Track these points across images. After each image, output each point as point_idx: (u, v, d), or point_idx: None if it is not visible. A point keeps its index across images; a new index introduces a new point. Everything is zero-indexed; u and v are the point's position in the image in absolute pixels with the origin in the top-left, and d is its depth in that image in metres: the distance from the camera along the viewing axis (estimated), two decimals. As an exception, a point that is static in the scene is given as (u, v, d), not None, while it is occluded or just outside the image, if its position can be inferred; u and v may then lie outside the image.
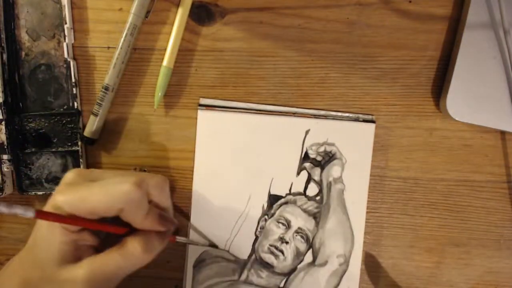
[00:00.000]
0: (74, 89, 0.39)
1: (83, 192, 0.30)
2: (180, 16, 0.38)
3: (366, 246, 0.41)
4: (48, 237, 0.31)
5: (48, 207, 0.30)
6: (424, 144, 0.40)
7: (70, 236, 0.31)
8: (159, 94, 0.39)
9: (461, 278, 0.41)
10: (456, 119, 0.37)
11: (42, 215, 0.28)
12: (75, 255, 0.31)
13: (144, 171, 0.41)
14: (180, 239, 0.39)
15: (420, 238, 0.41)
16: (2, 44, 0.39)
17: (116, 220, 0.31)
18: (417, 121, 0.39)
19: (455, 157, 0.40)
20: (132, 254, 0.31)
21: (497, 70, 0.37)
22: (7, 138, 0.39)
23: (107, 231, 0.32)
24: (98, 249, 0.33)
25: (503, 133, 0.39)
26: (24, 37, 0.39)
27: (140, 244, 0.31)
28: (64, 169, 0.41)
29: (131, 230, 0.32)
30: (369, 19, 0.38)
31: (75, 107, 0.40)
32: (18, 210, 0.26)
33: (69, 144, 0.40)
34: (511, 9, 0.36)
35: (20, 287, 0.31)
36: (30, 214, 0.26)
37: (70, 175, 0.32)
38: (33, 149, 0.41)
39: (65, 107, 0.40)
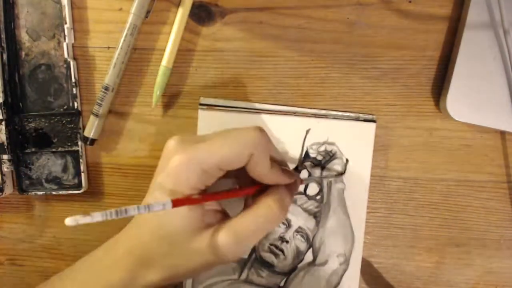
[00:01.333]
0: (74, 89, 0.39)
1: (206, 147, 0.29)
2: (180, 16, 0.38)
3: (366, 246, 0.41)
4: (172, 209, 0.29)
5: (165, 174, 0.29)
6: (424, 144, 0.40)
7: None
8: (157, 93, 0.39)
9: (461, 278, 0.41)
10: (456, 119, 0.37)
11: (179, 203, 0.27)
12: (204, 221, 0.30)
13: None
14: (306, 179, 0.39)
15: (420, 238, 0.41)
16: (2, 44, 0.39)
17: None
18: (417, 121, 0.39)
19: (455, 157, 0.40)
20: (268, 213, 0.30)
21: (497, 70, 0.37)
22: (7, 138, 0.39)
23: (242, 195, 0.31)
24: (223, 213, 0.32)
25: (503, 133, 0.39)
26: (24, 37, 0.39)
27: (274, 201, 0.30)
28: (64, 169, 0.41)
29: (260, 191, 0.32)
30: (369, 19, 0.38)
31: (75, 107, 0.40)
32: (156, 207, 0.26)
33: (69, 144, 0.40)
34: (511, 9, 0.36)
35: (140, 263, 0.30)
36: (168, 206, 0.26)
37: (173, 142, 0.31)
38: (33, 149, 0.41)
39: (65, 107, 0.40)
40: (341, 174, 0.40)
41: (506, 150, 0.39)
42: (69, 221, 0.22)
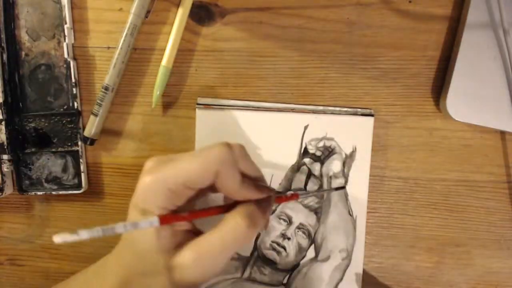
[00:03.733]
0: (74, 89, 0.39)
1: (172, 167, 0.29)
2: (180, 16, 0.38)
3: (366, 246, 0.41)
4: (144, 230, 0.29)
5: (137, 194, 0.29)
6: (424, 144, 0.40)
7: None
8: (157, 93, 0.39)
9: (461, 278, 0.41)
10: (456, 119, 0.37)
11: (166, 220, 0.28)
12: (174, 242, 0.30)
13: None
14: (302, 194, 0.38)
15: (420, 238, 0.41)
16: (2, 44, 0.39)
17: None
18: (417, 121, 0.39)
19: (455, 157, 0.40)
20: (235, 230, 0.29)
21: (497, 70, 0.37)
22: (7, 138, 0.39)
23: (219, 213, 0.31)
24: (195, 233, 0.32)
25: (503, 133, 0.39)
26: (24, 37, 0.39)
27: (242, 217, 0.29)
28: (64, 169, 0.41)
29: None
30: (369, 19, 0.38)
31: (75, 107, 0.40)
32: (143, 224, 0.26)
33: (69, 144, 0.40)
34: (511, 9, 0.36)
35: (122, 285, 0.30)
36: (156, 223, 0.27)
37: (149, 163, 0.31)
38: (33, 149, 0.41)
39: (65, 107, 0.40)
40: (343, 187, 0.40)
41: (506, 150, 0.39)
42: (56, 238, 0.23)
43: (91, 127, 0.39)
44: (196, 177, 0.28)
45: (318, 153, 0.40)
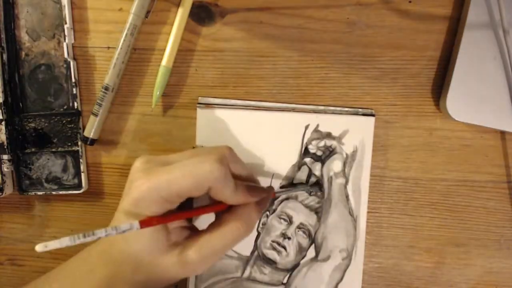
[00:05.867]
0: (74, 89, 0.39)
1: (166, 176, 0.29)
2: (180, 16, 0.38)
3: (366, 246, 0.41)
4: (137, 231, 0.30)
5: (129, 198, 0.30)
6: (424, 144, 0.40)
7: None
8: (157, 93, 0.39)
9: (461, 278, 0.41)
10: (456, 119, 0.37)
11: (146, 223, 0.28)
12: (170, 240, 0.31)
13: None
14: (279, 192, 0.40)
15: (420, 238, 0.41)
16: (2, 44, 0.39)
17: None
18: (417, 121, 0.39)
19: (455, 157, 0.40)
20: (234, 233, 0.31)
21: (497, 70, 0.37)
22: (7, 138, 0.39)
23: (209, 212, 0.32)
24: (189, 228, 0.33)
25: (503, 133, 0.39)
26: (24, 37, 0.39)
27: (241, 222, 0.32)
28: (64, 169, 0.41)
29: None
30: (369, 19, 0.38)
31: (75, 107, 0.40)
32: (124, 228, 0.27)
33: (69, 144, 0.40)
34: (511, 9, 0.36)
35: (108, 283, 0.31)
36: (136, 227, 0.27)
37: (138, 164, 0.32)
38: (33, 149, 0.41)
39: (65, 107, 0.40)
40: (318, 184, 0.40)
41: (506, 150, 0.39)
42: (38, 247, 0.24)
43: (91, 127, 0.39)
44: (189, 190, 0.30)
45: (319, 153, 0.40)
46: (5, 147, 0.39)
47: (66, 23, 0.38)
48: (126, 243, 0.31)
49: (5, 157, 0.40)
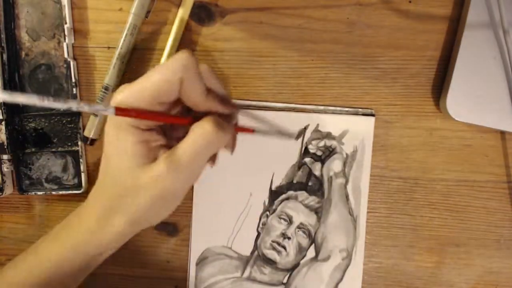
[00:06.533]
0: (74, 89, 0.39)
1: (140, 80, 0.29)
2: (180, 16, 0.38)
3: (366, 246, 0.41)
4: (121, 143, 0.29)
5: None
6: (424, 144, 0.40)
7: (142, 135, 0.29)
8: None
9: (461, 278, 0.41)
10: (456, 119, 0.37)
11: (121, 111, 0.27)
12: (150, 157, 0.30)
13: None
14: (259, 130, 0.39)
15: (420, 238, 0.41)
16: (2, 44, 0.39)
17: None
18: (417, 121, 0.39)
19: (455, 157, 0.40)
20: (204, 135, 0.29)
21: (497, 70, 0.37)
22: (7, 138, 0.39)
23: (177, 122, 0.31)
24: (170, 147, 0.32)
25: (503, 133, 0.39)
26: (24, 37, 0.39)
27: (209, 123, 0.29)
28: (64, 169, 0.41)
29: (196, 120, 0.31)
30: (369, 19, 0.38)
31: (75, 107, 0.40)
32: (99, 107, 0.26)
33: (69, 144, 0.40)
34: (511, 9, 0.36)
35: (105, 210, 0.31)
36: (110, 111, 0.26)
37: (120, 88, 0.31)
38: (33, 149, 0.41)
39: (65, 107, 0.40)
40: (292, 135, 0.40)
41: (506, 150, 0.39)
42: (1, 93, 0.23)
43: (91, 127, 0.39)
44: (161, 87, 0.28)
45: (319, 153, 0.40)
46: (5, 147, 0.39)
47: (66, 23, 0.38)
48: (114, 168, 0.30)
49: (5, 157, 0.40)
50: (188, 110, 0.31)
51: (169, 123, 0.31)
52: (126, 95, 0.28)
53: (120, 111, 0.27)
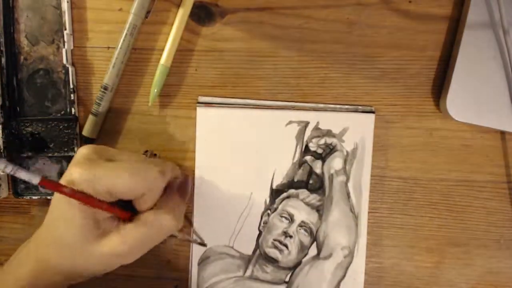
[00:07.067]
0: (72, 95, 0.39)
1: (104, 171, 0.29)
2: (180, 16, 0.38)
3: (367, 246, 0.41)
4: (68, 214, 0.30)
5: (63, 181, 0.30)
6: (424, 144, 0.40)
7: (90, 210, 0.30)
8: (155, 91, 0.39)
9: (461, 278, 0.41)
10: (456, 119, 0.37)
11: (46, 182, 0.27)
12: (100, 228, 0.31)
13: (155, 155, 0.41)
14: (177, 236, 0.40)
15: (420, 238, 0.41)
16: (1, 48, 0.39)
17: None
18: (417, 121, 0.39)
19: (455, 157, 0.40)
20: (160, 226, 0.32)
21: (497, 70, 0.37)
22: (3, 142, 0.39)
23: (112, 213, 0.31)
24: (118, 218, 0.33)
25: (503, 133, 0.39)
26: (23, 41, 0.39)
27: (167, 214, 0.32)
28: (60, 174, 0.41)
29: (134, 215, 0.33)
30: (369, 19, 0.38)
31: (73, 113, 0.39)
32: (23, 175, 0.26)
33: (66, 149, 0.40)
34: (511, 9, 0.36)
35: (37, 266, 0.32)
36: (36, 180, 0.26)
37: (84, 151, 0.32)
38: (30, 154, 0.40)
39: (62, 112, 0.40)
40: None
41: (506, 150, 0.39)
42: None
43: (90, 126, 0.39)
44: (120, 191, 0.30)
45: (319, 151, 0.40)
46: (1, 151, 0.39)
47: (65, 29, 0.38)
48: (57, 229, 0.31)
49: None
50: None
51: (105, 211, 0.31)
52: (83, 175, 0.29)
53: (46, 183, 0.27)
